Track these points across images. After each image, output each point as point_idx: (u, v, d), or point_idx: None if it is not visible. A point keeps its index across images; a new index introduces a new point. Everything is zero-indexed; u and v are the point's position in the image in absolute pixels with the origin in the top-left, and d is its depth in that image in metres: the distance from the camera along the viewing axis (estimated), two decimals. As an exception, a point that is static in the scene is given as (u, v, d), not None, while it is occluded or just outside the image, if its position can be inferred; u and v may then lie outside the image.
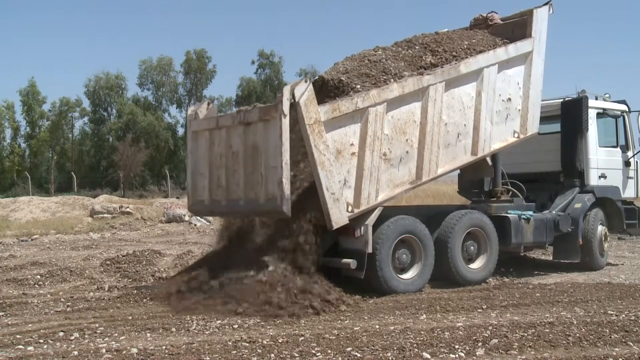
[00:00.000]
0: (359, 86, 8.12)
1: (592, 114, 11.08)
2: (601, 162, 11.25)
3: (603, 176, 11.26)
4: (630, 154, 11.83)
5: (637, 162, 11.96)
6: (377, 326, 6.29)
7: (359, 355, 5.25)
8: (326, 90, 8.24)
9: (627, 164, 11.75)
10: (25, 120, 51.34)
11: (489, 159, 9.92)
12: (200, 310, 7.01)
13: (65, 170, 48.19)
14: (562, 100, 11.25)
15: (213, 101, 11.48)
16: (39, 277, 10.07)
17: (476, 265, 9.33)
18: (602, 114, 11.49)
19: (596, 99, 11.55)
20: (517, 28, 10.18)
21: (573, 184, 10.97)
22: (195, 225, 20.70)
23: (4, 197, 29.48)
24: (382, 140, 8.11)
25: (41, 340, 5.87)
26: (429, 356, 5.20)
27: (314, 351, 5.37)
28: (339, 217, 7.64)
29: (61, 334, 6.12)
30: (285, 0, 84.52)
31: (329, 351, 5.36)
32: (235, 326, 6.40)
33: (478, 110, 9.23)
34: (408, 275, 8.52)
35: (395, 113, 8.30)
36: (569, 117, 11.01)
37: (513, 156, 10.85)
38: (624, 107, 11.88)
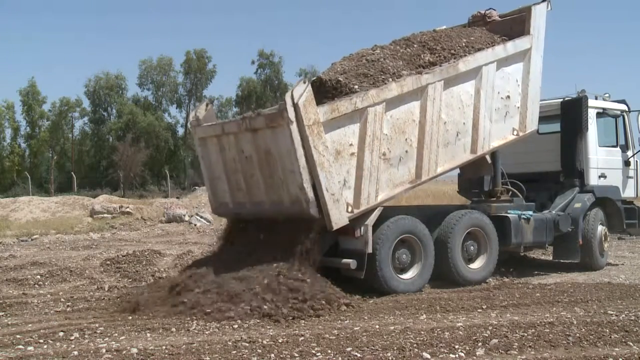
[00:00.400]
0: (356, 86, 8.10)
1: (592, 113, 11.08)
2: (601, 161, 11.25)
3: (603, 176, 11.26)
4: (630, 153, 11.83)
5: (636, 161, 11.96)
6: (377, 326, 6.28)
7: (359, 355, 5.25)
8: (324, 91, 8.22)
9: (627, 163, 11.75)
10: (25, 120, 51.32)
11: (488, 157, 9.93)
12: (199, 311, 6.98)
13: (65, 170, 48.15)
14: (562, 100, 11.25)
15: (213, 101, 11.46)
16: (39, 277, 10.07)
17: (476, 265, 9.32)
18: (602, 113, 11.48)
19: (596, 98, 11.54)
20: (515, 25, 10.18)
21: (573, 183, 10.96)
22: (195, 225, 20.71)
23: (4, 197, 29.45)
24: (382, 140, 8.11)
25: (41, 340, 5.87)
26: (429, 356, 5.20)
27: (314, 351, 5.37)
28: (338, 217, 7.63)
29: (61, 334, 6.12)
30: (285, 0, 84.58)
31: (329, 351, 5.36)
32: (235, 326, 6.40)
33: (477, 108, 9.23)
34: (408, 275, 8.51)
35: (394, 113, 8.30)
36: (569, 116, 11.00)
37: (513, 156, 10.85)
38: (623, 107, 11.88)
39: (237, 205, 8.56)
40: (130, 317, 6.95)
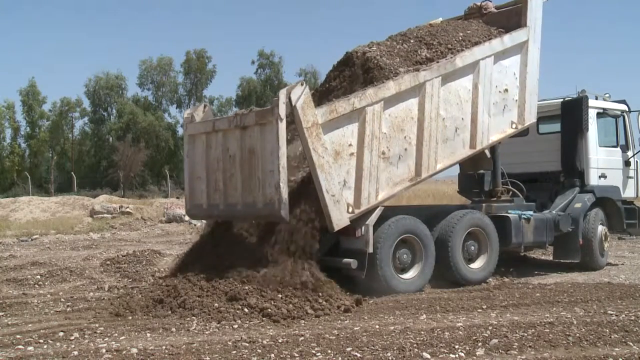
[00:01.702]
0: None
1: (592, 113, 11.08)
2: (601, 161, 11.25)
3: (603, 176, 11.26)
4: (630, 153, 11.84)
5: (637, 161, 11.97)
6: (377, 326, 6.28)
7: (359, 355, 5.25)
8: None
9: (627, 163, 11.75)
10: (25, 120, 51.42)
11: (487, 152, 9.91)
12: (199, 311, 6.95)
13: (65, 170, 48.18)
14: (562, 100, 11.25)
15: (212, 102, 11.49)
16: (39, 277, 10.07)
17: (477, 265, 9.32)
18: (602, 113, 11.48)
19: (596, 98, 11.54)
20: (512, 16, 10.12)
21: (573, 183, 10.96)
22: (195, 225, 20.69)
23: (4, 197, 29.49)
24: (380, 139, 8.09)
25: (41, 340, 5.87)
26: (429, 356, 5.19)
27: (314, 351, 5.36)
28: (339, 218, 7.62)
29: (61, 334, 6.11)
30: (285, 0, 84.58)
31: (329, 351, 5.36)
32: (235, 326, 6.39)
33: (475, 103, 9.20)
34: (409, 275, 8.51)
35: (392, 111, 8.28)
36: (569, 117, 11.00)
37: (513, 156, 10.84)
38: (624, 107, 11.88)
39: (211, 206, 8.50)
40: (130, 317, 6.93)
